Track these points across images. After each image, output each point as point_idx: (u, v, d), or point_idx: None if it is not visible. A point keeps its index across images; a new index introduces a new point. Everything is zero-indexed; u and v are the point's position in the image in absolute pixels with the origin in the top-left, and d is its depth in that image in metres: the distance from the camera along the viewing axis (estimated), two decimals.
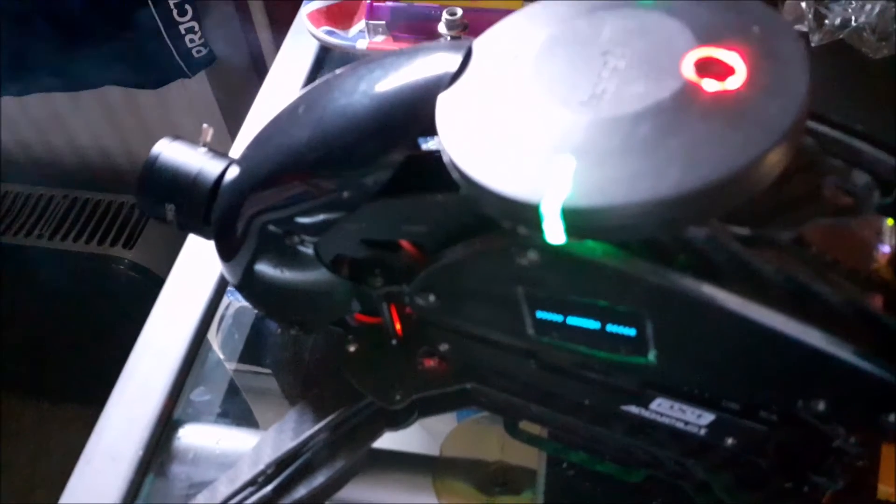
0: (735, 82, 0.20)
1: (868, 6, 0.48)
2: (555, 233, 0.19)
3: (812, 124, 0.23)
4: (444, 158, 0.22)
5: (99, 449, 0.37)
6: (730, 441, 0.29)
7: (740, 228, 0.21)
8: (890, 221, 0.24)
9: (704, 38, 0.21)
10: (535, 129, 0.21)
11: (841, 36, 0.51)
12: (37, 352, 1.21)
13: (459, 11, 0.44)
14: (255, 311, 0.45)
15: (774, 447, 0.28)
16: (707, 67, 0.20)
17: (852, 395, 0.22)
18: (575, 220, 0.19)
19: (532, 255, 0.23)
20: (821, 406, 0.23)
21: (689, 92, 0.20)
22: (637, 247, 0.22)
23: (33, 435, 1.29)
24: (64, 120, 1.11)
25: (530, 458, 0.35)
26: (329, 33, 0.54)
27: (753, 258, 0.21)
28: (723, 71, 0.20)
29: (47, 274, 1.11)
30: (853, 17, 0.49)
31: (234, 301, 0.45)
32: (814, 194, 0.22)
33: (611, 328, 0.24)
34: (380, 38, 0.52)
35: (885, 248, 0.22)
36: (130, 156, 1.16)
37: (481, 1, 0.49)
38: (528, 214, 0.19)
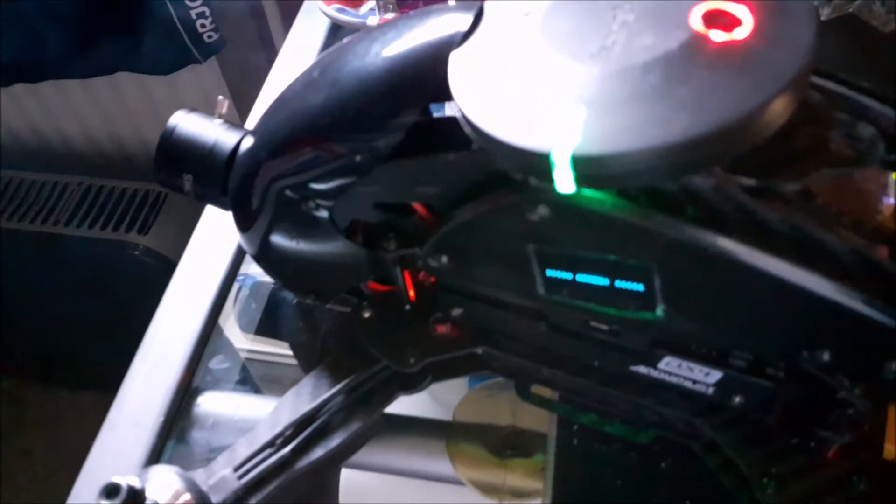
0: (742, 33, 0.20)
1: None
2: (565, 181, 0.20)
3: (819, 80, 0.24)
4: (457, 114, 0.22)
5: (122, 416, 0.38)
6: (737, 399, 0.29)
7: (746, 179, 0.21)
8: (895, 175, 0.24)
9: None
10: (546, 81, 0.21)
11: (851, 9, 0.51)
12: (54, 339, 1.23)
13: None
14: (271, 286, 0.46)
15: (781, 404, 0.29)
16: (715, 19, 0.20)
17: (857, 344, 0.23)
18: (585, 167, 0.19)
19: (542, 210, 0.23)
20: (826, 356, 0.23)
21: (696, 42, 0.20)
22: (645, 199, 0.22)
23: (53, 422, 1.31)
24: (77, 108, 1.12)
25: (541, 421, 0.36)
26: (340, 11, 0.54)
27: (760, 208, 0.22)
28: (730, 22, 0.20)
29: (63, 261, 1.13)
30: None
31: (244, 287, 0.46)
32: (819, 147, 0.22)
33: (619, 284, 0.25)
34: (390, 15, 0.52)
35: (890, 201, 0.23)
36: (143, 143, 1.17)
37: None
38: (539, 164, 0.20)
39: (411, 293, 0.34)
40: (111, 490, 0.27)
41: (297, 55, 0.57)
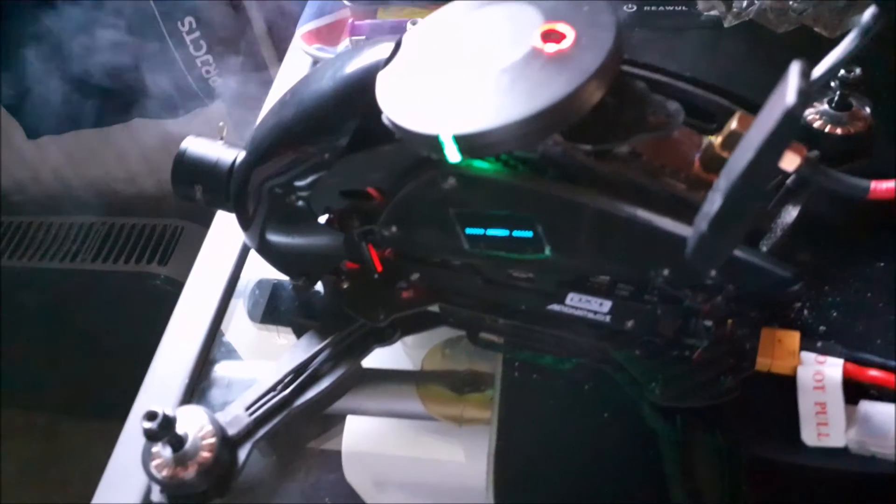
0: (566, 44, 0.29)
1: None
2: (452, 154, 0.29)
3: (644, 72, 0.33)
4: (383, 116, 0.32)
5: (154, 380, 0.47)
6: (629, 323, 0.38)
7: (584, 146, 0.30)
8: (710, 137, 0.33)
9: (550, 17, 0.30)
10: (438, 86, 0.30)
11: (750, 17, 0.60)
12: (84, 371, 1.31)
13: None
14: (272, 282, 0.55)
15: (661, 324, 0.37)
16: (549, 36, 0.29)
17: (682, 260, 0.31)
18: (463, 142, 0.28)
19: (451, 181, 0.32)
20: (665, 272, 0.32)
21: (535, 53, 0.29)
22: (519, 165, 0.31)
23: (86, 452, 1.38)
24: (97, 153, 1.23)
25: (491, 364, 0.44)
26: (320, 49, 0.64)
27: (598, 166, 0.30)
28: (559, 37, 0.29)
29: (91, 294, 1.22)
30: (756, 0, 0.58)
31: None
32: (640, 119, 0.31)
33: (516, 233, 0.34)
34: None
35: (699, 155, 0.32)
36: (159, 182, 1.27)
37: None
38: (433, 143, 0.29)
39: (378, 265, 0.42)
40: (151, 415, 0.35)
41: (286, 87, 0.67)
